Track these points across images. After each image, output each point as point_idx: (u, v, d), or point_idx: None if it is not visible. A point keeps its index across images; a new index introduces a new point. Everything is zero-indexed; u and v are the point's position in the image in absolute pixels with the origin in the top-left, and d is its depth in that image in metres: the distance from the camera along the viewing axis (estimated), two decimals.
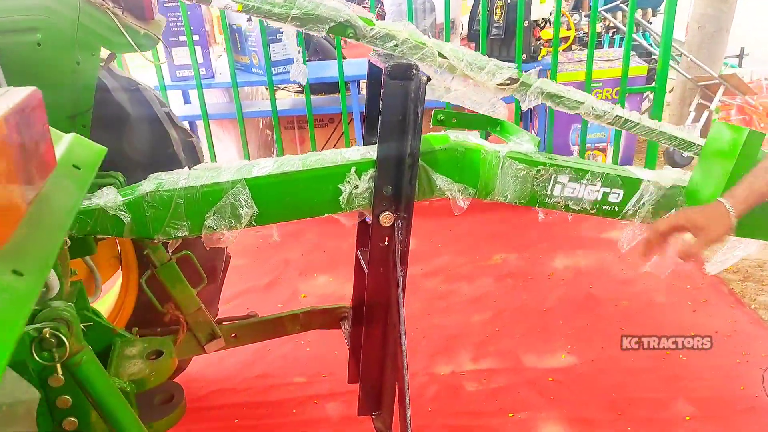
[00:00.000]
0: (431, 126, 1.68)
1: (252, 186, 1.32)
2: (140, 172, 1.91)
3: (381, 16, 4.19)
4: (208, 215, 1.31)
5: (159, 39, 1.70)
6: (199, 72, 3.40)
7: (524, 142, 1.50)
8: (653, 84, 3.56)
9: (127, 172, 1.86)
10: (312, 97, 3.75)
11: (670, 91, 5.03)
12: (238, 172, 1.33)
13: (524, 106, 1.51)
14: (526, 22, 3.33)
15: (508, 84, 1.45)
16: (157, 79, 3.36)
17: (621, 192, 1.54)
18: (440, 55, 1.40)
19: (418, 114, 1.32)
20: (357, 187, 1.37)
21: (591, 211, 1.56)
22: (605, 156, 3.73)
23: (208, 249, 1.41)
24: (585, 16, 4.83)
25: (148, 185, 1.31)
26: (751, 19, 8.12)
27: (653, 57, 4.97)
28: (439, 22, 3.48)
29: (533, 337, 2.69)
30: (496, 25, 3.41)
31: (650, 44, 4.90)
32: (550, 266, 3.27)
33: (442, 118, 1.67)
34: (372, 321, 1.52)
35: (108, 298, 2.19)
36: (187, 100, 3.92)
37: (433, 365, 2.56)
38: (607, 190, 1.53)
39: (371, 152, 1.39)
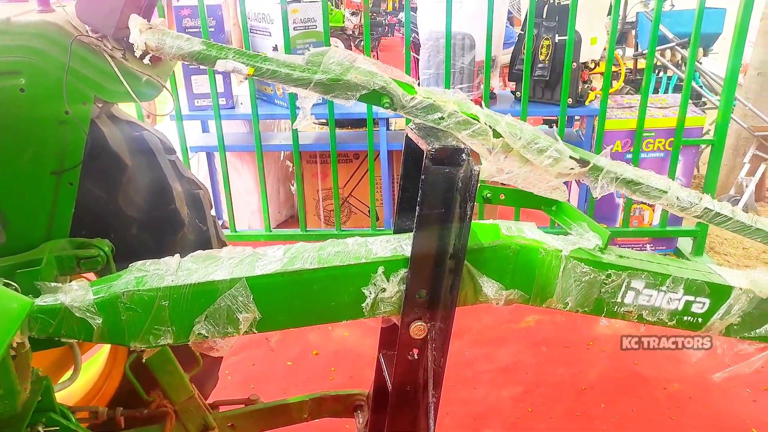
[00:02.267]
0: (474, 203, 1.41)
1: (254, 287, 1.06)
2: (136, 230, 1.69)
3: (416, 44, 3.98)
4: (197, 320, 1.06)
5: (163, 86, 1.47)
6: (218, 102, 3.18)
7: (590, 236, 1.23)
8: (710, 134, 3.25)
9: (120, 231, 1.64)
10: (337, 130, 3.51)
11: None
12: (238, 268, 1.08)
13: (596, 194, 1.23)
14: (574, 63, 3.04)
15: (572, 169, 1.18)
16: (174, 110, 3.14)
17: (707, 301, 1.26)
18: (494, 132, 1.13)
19: (466, 209, 1.05)
20: (384, 290, 1.10)
21: (669, 323, 1.27)
22: (653, 211, 3.41)
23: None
24: (633, 56, 4.52)
25: (125, 280, 1.05)
26: None
27: (702, 100, 4.65)
28: (479, 60, 3.20)
29: (571, 423, 2.39)
30: (540, 65, 3.12)
31: (701, 86, 4.58)
32: (588, 333, 2.96)
33: (489, 195, 1.40)
34: None
35: (93, 366, 1.95)
36: (205, 129, 3.70)
37: None
38: (691, 298, 1.25)
39: (404, 246, 1.13)
